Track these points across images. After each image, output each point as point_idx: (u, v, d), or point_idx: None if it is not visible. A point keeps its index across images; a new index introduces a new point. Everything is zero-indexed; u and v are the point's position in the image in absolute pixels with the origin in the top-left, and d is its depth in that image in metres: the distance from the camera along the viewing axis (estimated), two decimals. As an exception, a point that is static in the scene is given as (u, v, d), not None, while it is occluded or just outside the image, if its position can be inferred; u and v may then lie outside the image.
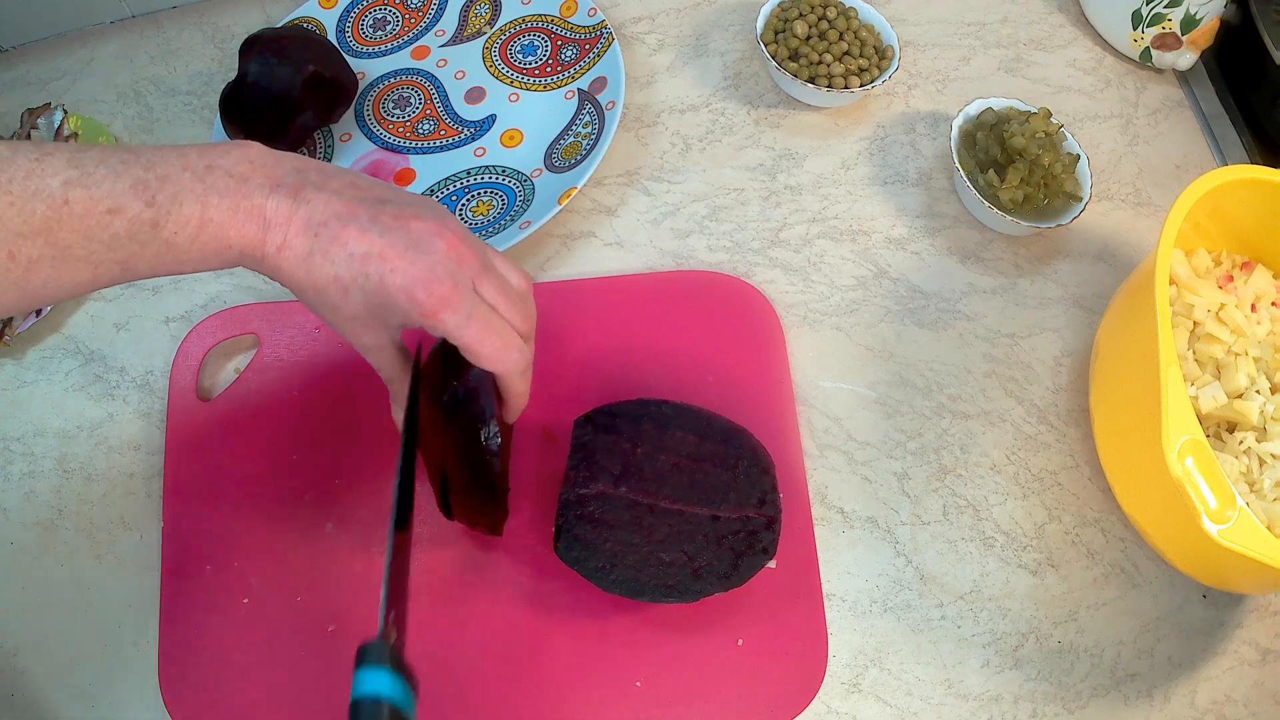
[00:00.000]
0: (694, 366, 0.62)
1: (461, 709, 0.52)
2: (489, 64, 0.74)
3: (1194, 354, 0.59)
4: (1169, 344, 0.50)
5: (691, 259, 0.67)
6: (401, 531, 0.44)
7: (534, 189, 0.67)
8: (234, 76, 0.65)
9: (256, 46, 0.65)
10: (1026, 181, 0.67)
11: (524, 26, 0.75)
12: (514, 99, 0.72)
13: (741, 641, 0.54)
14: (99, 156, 0.40)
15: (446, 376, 0.49)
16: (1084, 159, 0.68)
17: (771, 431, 0.59)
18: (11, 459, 0.59)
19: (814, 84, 0.71)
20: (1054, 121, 0.69)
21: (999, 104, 0.70)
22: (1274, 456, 0.55)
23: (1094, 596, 0.58)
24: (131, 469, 0.58)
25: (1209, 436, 0.57)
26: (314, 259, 0.43)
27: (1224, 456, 0.55)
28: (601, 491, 0.52)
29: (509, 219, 0.66)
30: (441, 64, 0.74)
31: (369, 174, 0.69)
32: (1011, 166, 0.67)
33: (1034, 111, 0.69)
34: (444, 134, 0.71)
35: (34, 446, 0.59)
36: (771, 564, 0.53)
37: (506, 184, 0.68)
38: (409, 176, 0.69)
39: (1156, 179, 0.74)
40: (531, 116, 0.71)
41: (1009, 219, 0.66)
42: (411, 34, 0.75)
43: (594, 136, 0.68)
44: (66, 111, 0.69)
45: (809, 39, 0.72)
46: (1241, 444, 0.55)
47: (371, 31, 0.75)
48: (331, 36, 0.74)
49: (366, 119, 0.72)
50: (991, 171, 0.68)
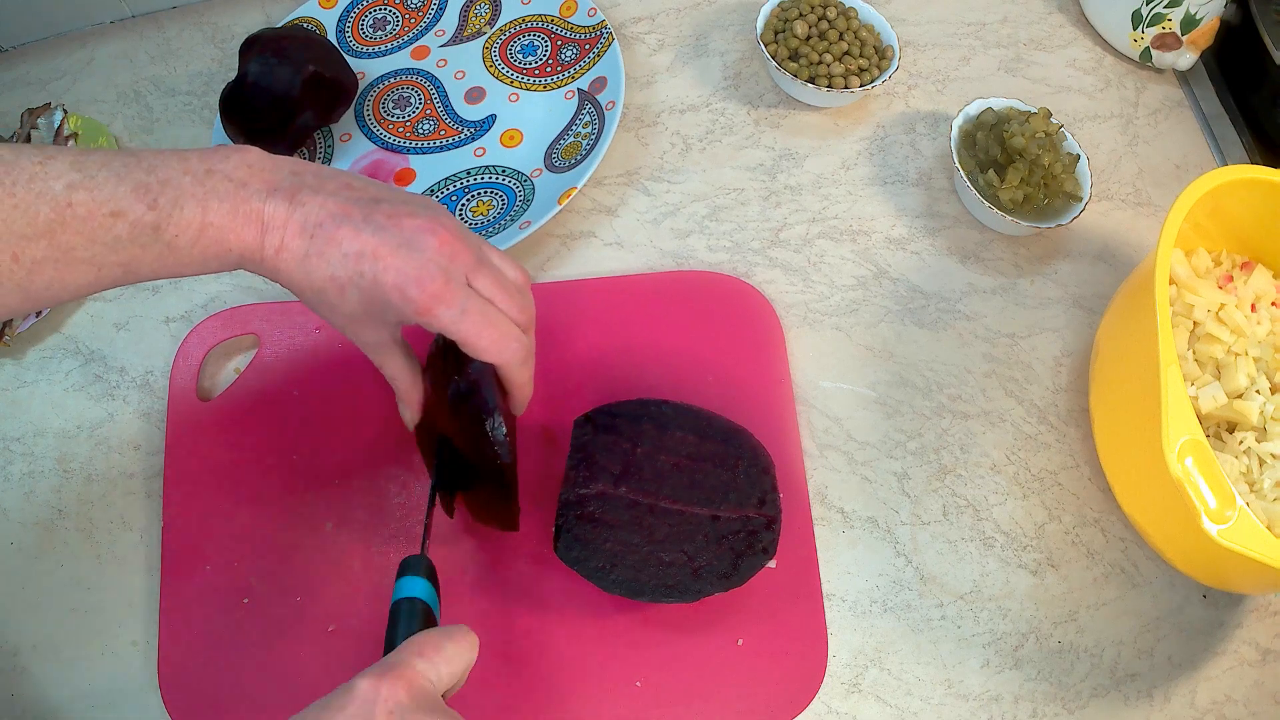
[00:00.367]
0: (694, 366, 0.62)
1: (461, 709, 0.52)
2: (489, 64, 0.74)
3: (1194, 354, 0.59)
4: (1169, 344, 0.50)
5: (691, 259, 0.67)
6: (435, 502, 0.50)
7: (534, 189, 0.67)
8: (234, 76, 0.65)
9: (256, 46, 0.65)
10: (1026, 181, 0.67)
11: (524, 26, 0.75)
12: (514, 99, 0.72)
13: (741, 641, 0.54)
14: (102, 160, 0.41)
15: (447, 371, 0.49)
16: (1084, 159, 0.68)
17: (771, 431, 0.59)
18: (11, 459, 0.59)
19: (814, 84, 0.71)
20: (1054, 121, 0.69)
21: (999, 104, 0.70)
22: (1274, 456, 0.55)
23: (1094, 596, 0.58)
24: (131, 469, 0.59)
25: (1209, 436, 0.57)
26: (310, 260, 0.43)
27: (1224, 456, 0.55)
28: (601, 491, 0.52)
29: (509, 219, 0.66)
30: (441, 64, 0.74)
31: (369, 174, 0.69)
32: (1011, 166, 0.67)
33: (1034, 111, 0.69)
34: (444, 134, 0.71)
35: (34, 446, 0.59)
36: (771, 564, 0.53)
37: (506, 184, 0.68)
38: (409, 176, 0.69)
39: (1156, 179, 0.74)
40: (531, 116, 0.71)
41: (1009, 219, 0.66)
42: (411, 34, 0.75)
43: (594, 136, 0.68)
44: (66, 111, 0.69)
45: (809, 39, 0.72)
46: (1241, 444, 0.55)
47: (371, 31, 0.75)
48: (331, 36, 0.74)
49: (366, 119, 0.72)
50: (991, 171, 0.68)
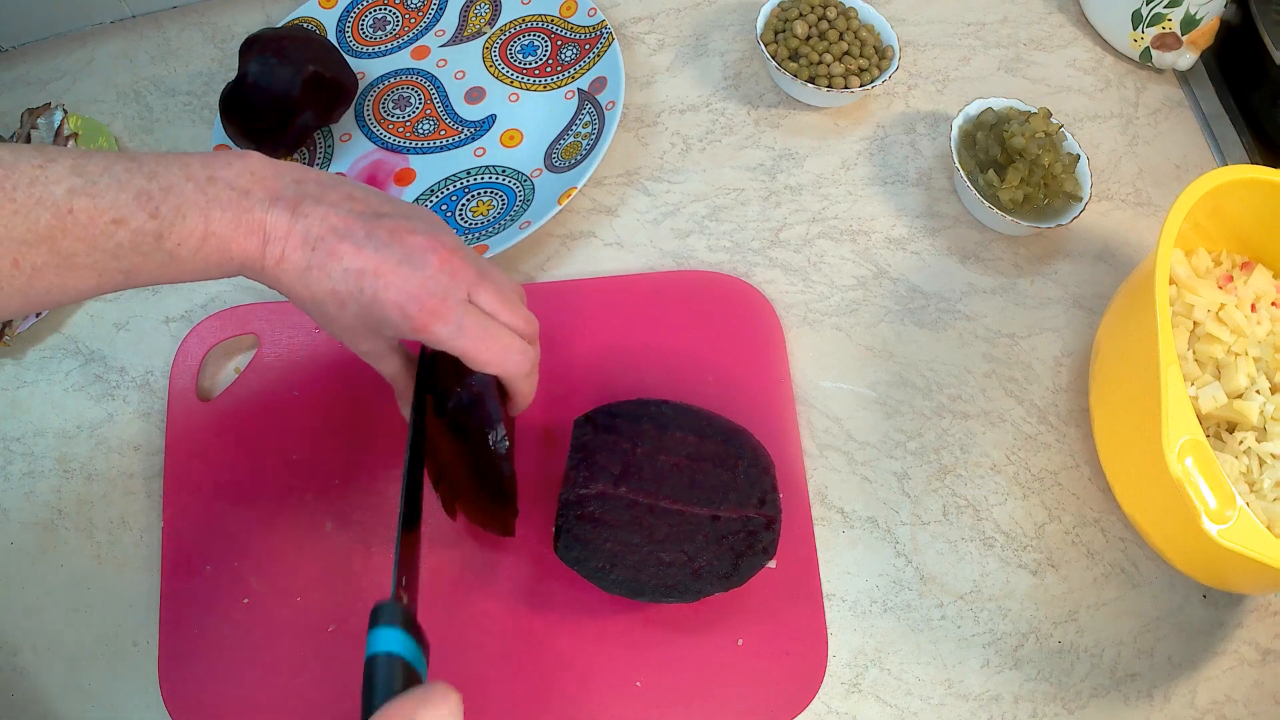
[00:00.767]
0: (694, 366, 0.62)
1: (463, 709, 0.52)
2: (489, 64, 0.74)
3: (1194, 354, 0.59)
4: (1169, 344, 0.50)
5: (691, 259, 0.67)
6: (410, 531, 0.45)
7: (534, 189, 0.67)
8: (234, 76, 0.65)
9: (256, 46, 0.65)
10: (1026, 181, 0.67)
11: (524, 26, 0.75)
12: (514, 99, 0.72)
13: (741, 641, 0.54)
14: (103, 164, 0.40)
15: (448, 383, 0.49)
16: (1084, 159, 0.68)
17: (771, 431, 0.59)
18: (11, 459, 0.59)
19: (814, 84, 0.71)
20: (1054, 121, 0.69)
21: (999, 104, 0.70)
22: (1274, 456, 0.55)
23: (1094, 596, 0.58)
24: (131, 469, 0.59)
25: (1209, 436, 0.57)
26: (311, 273, 0.43)
27: (1224, 456, 0.55)
28: (601, 491, 0.52)
29: (509, 219, 0.66)
30: (441, 64, 0.74)
31: (369, 174, 0.69)
32: (1011, 166, 0.67)
33: (1034, 111, 0.69)
34: (444, 134, 0.71)
35: (34, 446, 0.59)
36: (771, 564, 0.53)
37: (506, 184, 0.68)
38: (409, 176, 0.69)
39: (1156, 179, 0.74)
40: (531, 116, 0.71)
41: (1009, 219, 0.66)
42: (411, 34, 0.75)
43: (594, 136, 0.68)
44: (66, 111, 0.69)
45: (809, 39, 0.72)
46: (1241, 444, 0.55)
47: (371, 31, 0.75)
48: (331, 36, 0.74)
49: (366, 119, 0.72)
50: (991, 171, 0.68)
